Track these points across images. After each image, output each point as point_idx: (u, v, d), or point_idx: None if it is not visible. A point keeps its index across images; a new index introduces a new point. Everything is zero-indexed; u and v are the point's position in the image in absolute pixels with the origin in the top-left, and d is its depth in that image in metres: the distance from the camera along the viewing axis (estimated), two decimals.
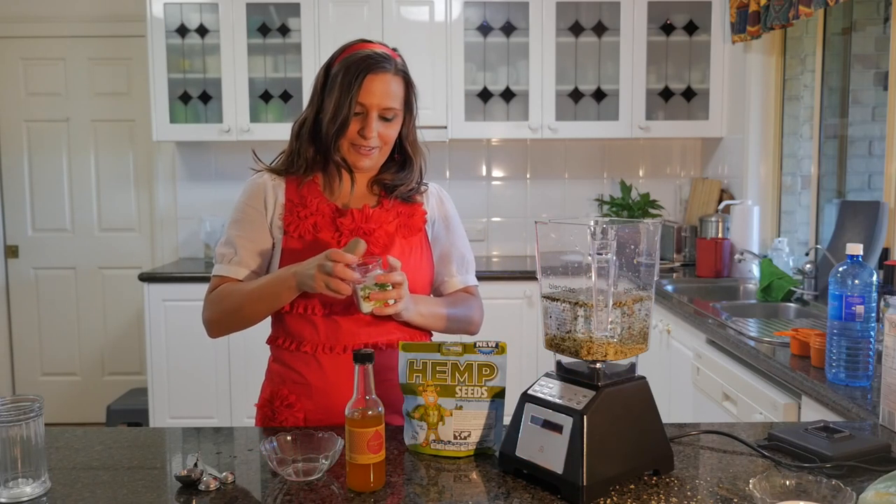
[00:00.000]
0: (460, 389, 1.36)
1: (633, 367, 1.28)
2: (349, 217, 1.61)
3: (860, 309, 1.71)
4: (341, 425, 1.38)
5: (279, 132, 3.97)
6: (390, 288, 1.48)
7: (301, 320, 1.61)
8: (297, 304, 1.60)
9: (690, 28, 4.04)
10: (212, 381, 3.85)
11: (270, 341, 1.69)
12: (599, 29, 4.03)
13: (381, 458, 1.22)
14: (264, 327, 1.72)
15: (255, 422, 1.70)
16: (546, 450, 1.20)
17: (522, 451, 1.24)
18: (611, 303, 1.22)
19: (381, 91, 1.56)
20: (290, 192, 1.64)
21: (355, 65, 1.55)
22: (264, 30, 3.96)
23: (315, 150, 1.63)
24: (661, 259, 3.92)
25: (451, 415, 1.36)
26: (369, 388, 1.22)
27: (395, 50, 1.64)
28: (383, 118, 1.58)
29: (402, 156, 1.68)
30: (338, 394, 1.57)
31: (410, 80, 1.63)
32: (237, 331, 1.64)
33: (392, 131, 1.61)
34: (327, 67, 1.61)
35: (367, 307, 1.47)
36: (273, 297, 1.55)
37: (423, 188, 1.73)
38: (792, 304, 2.93)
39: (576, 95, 4.07)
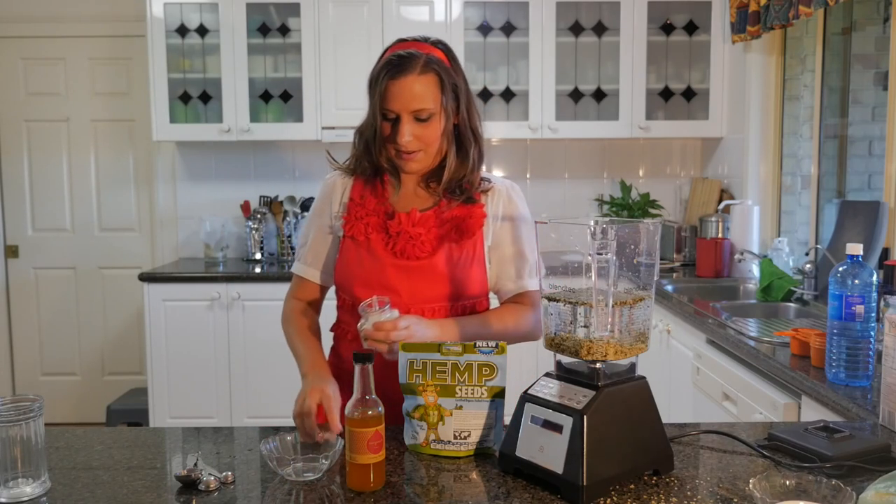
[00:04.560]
0: (460, 389, 1.36)
1: (633, 367, 1.28)
2: (397, 220, 1.62)
3: (860, 309, 1.71)
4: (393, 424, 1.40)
5: (279, 132, 3.97)
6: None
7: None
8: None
9: (690, 28, 4.03)
10: (212, 381, 3.84)
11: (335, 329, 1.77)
12: (599, 29, 4.03)
13: (381, 458, 1.22)
14: (264, 327, 1.71)
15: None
16: (546, 450, 1.20)
17: (522, 451, 1.24)
18: (611, 303, 1.22)
19: (404, 95, 1.52)
20: (356, 190, 1.67)
21: (377, 71, 1.56)
22: (264, 30, 3.96)
23: (370, 154, 1.64)
24: (661, 259, 3.91)
25: (451, 415, 1.36)
26: (369, 388, 1.22)
27: (435, 44, 1.59)
28: (419, 119, 1.54)
29: (457, 146, 1.61)
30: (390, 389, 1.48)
31: (443, 74, 1.55)
32: None
33: (430, 131, 1.56)
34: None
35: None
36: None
37: (486, 185, 1.66)
38: (792, 304, 2.93)
39: (576, 95, 4.07)
